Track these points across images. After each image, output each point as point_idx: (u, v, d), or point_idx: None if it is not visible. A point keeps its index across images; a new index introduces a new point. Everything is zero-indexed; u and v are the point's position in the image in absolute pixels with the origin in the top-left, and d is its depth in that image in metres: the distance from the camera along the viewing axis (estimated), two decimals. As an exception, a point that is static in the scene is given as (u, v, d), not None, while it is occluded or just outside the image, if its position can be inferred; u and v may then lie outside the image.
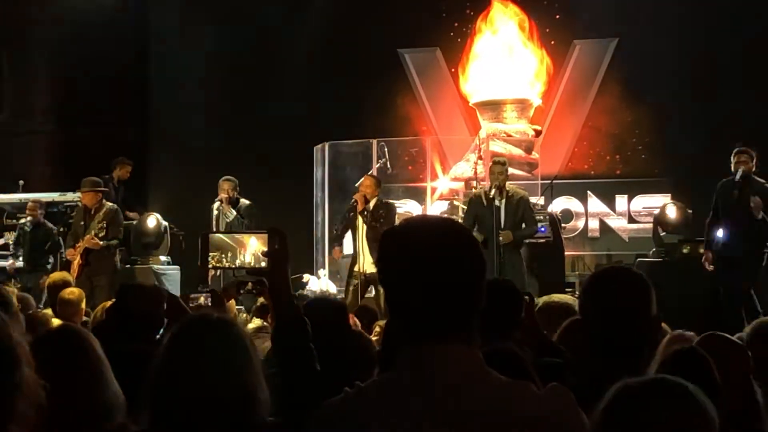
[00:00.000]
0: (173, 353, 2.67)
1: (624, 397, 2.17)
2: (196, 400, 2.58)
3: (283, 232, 3.02)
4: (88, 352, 3.07)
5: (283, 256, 3.00)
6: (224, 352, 2.64)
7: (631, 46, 16.36)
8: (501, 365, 2.29)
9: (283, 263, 3.00)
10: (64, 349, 3.03)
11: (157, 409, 2.63)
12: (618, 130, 16.44)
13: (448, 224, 2.38)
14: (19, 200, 15.06)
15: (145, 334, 4.47)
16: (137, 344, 3.11)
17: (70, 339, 3.11)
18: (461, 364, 2.21)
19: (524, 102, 16.34)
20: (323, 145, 15.16)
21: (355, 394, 2.27)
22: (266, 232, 3.07)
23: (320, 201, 15.13)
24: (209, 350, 2.64)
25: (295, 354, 2.89)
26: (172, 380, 2.62)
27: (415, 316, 2.24)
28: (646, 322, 3.10)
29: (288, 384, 2.83)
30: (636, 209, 15.65)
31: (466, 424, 2.16)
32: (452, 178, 15.47)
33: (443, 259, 2.23)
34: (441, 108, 17.26)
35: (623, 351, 3.05)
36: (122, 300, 4.86)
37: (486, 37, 16.67)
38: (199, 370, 2.60)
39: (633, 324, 3.06)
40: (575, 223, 15.92)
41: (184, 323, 2.77)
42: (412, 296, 2.23)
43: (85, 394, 2.95)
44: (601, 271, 3.39)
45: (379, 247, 2.35)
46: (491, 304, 2.31)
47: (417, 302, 2.23)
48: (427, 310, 2.22)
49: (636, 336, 3.09)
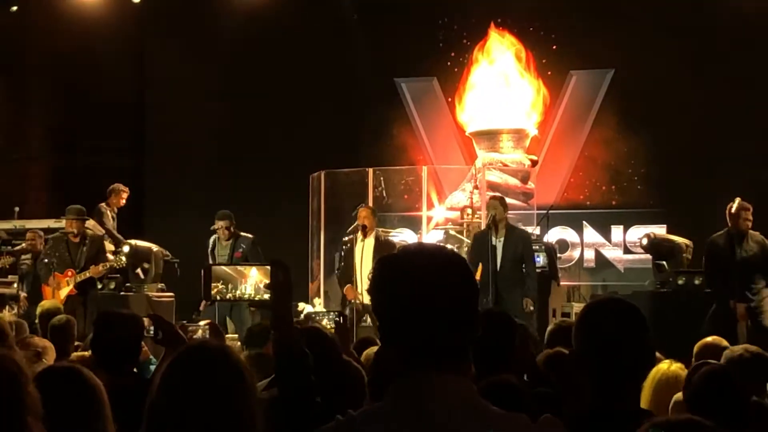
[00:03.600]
0: (171, 381, 2.65)
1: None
2: (193, 428, 2.55)
3: (286, 265, 3.01)
4: (91, 393, 3.05)
5: (286, 288, 2.98)
6: (222, 381, 2.62)
7: (628, 76, 16.41)
8: (500, 397, 2.27)
9: (287, 296, 2.98)
10: (67, 390, 3.01)
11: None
12: (614, 160, 16.46)
13: (443, 252, 2.37)
14: (14, 227, 15.01)
15: (122, 365, 4.44)
16: (116, 378, 3.09)
17: (74, 381, 3.09)
18: (454, 394, 2.19)
19: (520, 132, 16.37)
20: (319, 173, 15.15)
21: (347, 422, 2.25)
22: (269, 265, 3.05)
23: (316, 229, 15.10)
24: (207, 378, 2.62)
25: (296, 385, 2.87)
26: (170, 408, 2.60)
27: (408, 344, 2.22)
28: (640, 353, 3.09)
29: (287, 411, 2.81)
30: (632, 240, 15.65)
31: (458, 455, 2.13)
32: (448, 207, 15.46)
33: (437, 287, 2.22)
34: (437, 137, 17.28)
35: (617, 382, 3.04)
36: (100, 329, 4.83)
37: (483, 67, 16.71)
38: (197, 398, 2.59)
39: (627, 355, 3.05)
40: (571, 253, 15.93)
41: (182, 352, 2.76)
42: (406, 324, 2.22)
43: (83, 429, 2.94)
44: (595, 302, 3.38)
45: (373, 274, 2.33)
46: (486, 334, 2.30)
47: (410, 330, 2.21)
48: (421, 338, 2.21)
49: (630, 367, 3.07)
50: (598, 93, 16.80)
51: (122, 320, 4.86)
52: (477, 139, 16.46)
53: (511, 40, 16.63)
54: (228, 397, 2.60)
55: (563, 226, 15.99)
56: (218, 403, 2.59)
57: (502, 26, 16.73)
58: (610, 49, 16.41)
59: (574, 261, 15.96)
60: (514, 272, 11.14)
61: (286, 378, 2.97)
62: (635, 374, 3.14)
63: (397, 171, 15.56)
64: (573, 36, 16.47)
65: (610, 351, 3.04)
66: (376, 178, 14.85)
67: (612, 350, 3.04)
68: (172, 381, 2.65)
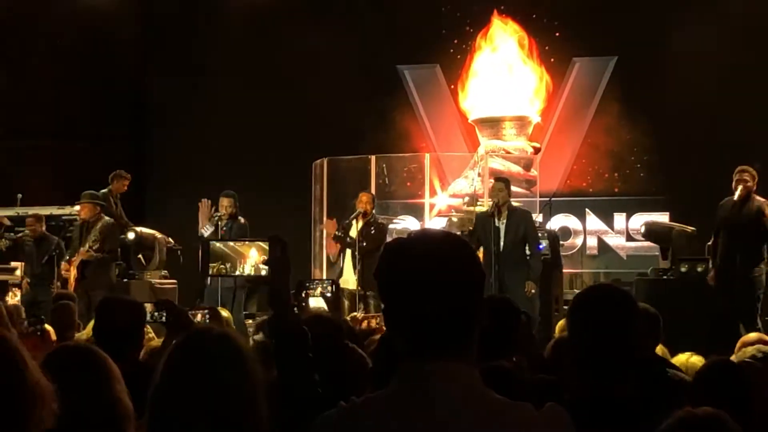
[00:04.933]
0: (175, 366, 2.66)
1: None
2: (196, 413, 2.57)
3: (284, 240, 3.00)
4: (99, 368, 3.06)
5: (284, 264, 2.97)
6: (226, 366, 2.63)
7: (631, 63, 16.39)
8: (495, 383, 2.27)
9: (284, 271, 2.97)
10: (76, 366, 3.02)
11: (156, 421, 2.62)
12: (617, 147, 16.45)
13: (450, 238, 2.36)
14: (16, 214, 15.01)
15: (123, 350, 4.46)
16: (118, 364, 3.11)
17: (83, 356, 3.10)
18: (458, 382, 2.19)
19: (523, 119, 16.35)
20: (322, 160, 15.15)
21: (351, 408, 2.25)
22: (267, 240, 3.04)
23: (318, 217, 15.10)
24: (211, 364, 2.63)
25: (294, 360, 2.87)
26: (173, 393, 2.61)
27: (414, 330, 2.21)
28: (630, 338, 3.10)
29: (286, 390, 2.81)
30: (634, 227, 15.64)
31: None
32: (451, 194, 15.45)
33: (443, 273, 2.21)
34: (440, 124, 17.27)
35: (609, 368, 3.05)
36: (101, 316, 4.84)
37: (485, 54, 16.68)
38: (200, 383, 2.60)
39: (618, 340, 3.06)
40: (573, 241, 15.93)
41: (185, 337, 2.76)
42: (410, 309, 2.21)
43: (93, 403, 2.95)
44: (586, 290, 3.40)
45: (380, 259, 2.32)
46: (488, 321, 2.30)
47: (414, 316, 2.21)
48: (425, 324, 2.20)
49: (621, 352, 3.08)
50: (601, 80, 16.78)
51: (123, 306, 4.87)
52: (480, 127, 16.44)
53: (514, 27, 16.60)
54: (230, 382, 2.61)
55: (566, 213, 15.99)
56: (221, 388, 2.59)
57: (505, 13, 16.69)
58: (613, 36, 16.40)
59: (577, 248, 15.97)
60: (517, 253, 11.15)
61: (283, 355, 2.96)
62: (627, 359, 3.15)
63: (400, 158, 15.56)
64: (576, 23, 16.44)
65: (599, 336, 3.05)
66: (379, 166, 14.85)
67: (601, 336, 3.05)
68: (176, 366, 2.66)
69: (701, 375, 3.97)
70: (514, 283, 10.90)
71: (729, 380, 3.81)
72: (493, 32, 16.68)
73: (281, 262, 2.99)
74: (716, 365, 3.99)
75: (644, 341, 3.96)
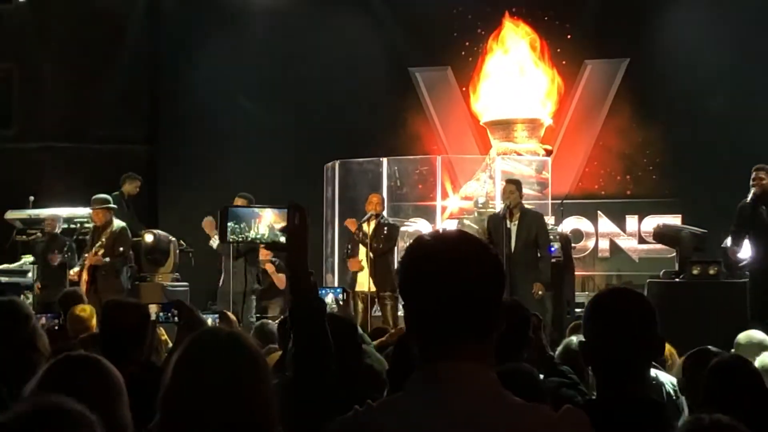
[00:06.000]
0: (185, 368, 2.66)
1: None
2: (205, 414, 2.56)
3: (303, 207, 2.97)
4: (102, 378, 3.06)
5: (302, 231, 2.95)
6: (235, 367, 2.63)
7: (643, 66, 16.36)
8: (513, 385, 2.27)
9: (302, 239, 2.94)
10: (80, 376, 3.03)
11: (168, 420, 2.62)
12: (629, 150, 16.42)
13: (472, 239, 2.35)
14: (29, 216, 15.04)
15: (128, 352, 4.48)
16: (123, 365, 3.11)
17: (87, 366, 3.11)
18: (475, 384, 2.18)
19: (535, 121, 16.32)
20: (334, 163, 15.16)
21: (366, 412, 2.25)
22: (285, 208, 3.02)
23: (330, 219, 15.10)
24: (220, 364, 2.63)
25: (310, 329, 2.86)
26: (184, 394, 2.61)
27: (434, 330, 2.21)
28: (648, 342, 3.09)
29: (300, 362, 2.79)
30: (646, 230, 15.60)
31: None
32: (462, 197, 15.44)
33: (465, 273, 2.21)
34: (451, 127, 17.26)
35: (626, 372, 3.04)
36: (106, 318, 4.86)
37: (497, 56, 16.67)
38: (210, 384, 2.59)
39: (634, 344, 3.05)
40: (585, 243, 15.90)
41: (195, 338, 2.76)
42: (429, 309, 2.21)
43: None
44: (603, 293, 3.38)
45: (402, 258, 2.33)
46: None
47: (433, 316, 2.20)
48: (446, 323, 2.20)
49: (639, 357, 3.07)
50: (612, 82, 16.75)
51: (128, 308, 4.89)
52: (491, 129, 16.42)
53: (526, 29, 16.58)
54: (241, 382, 2.60)
55: (578, 215, 15.96)
56: (232, 389, 2.59)
57: (516, 15, 16.68)
58: (624, 39, 16.37)
59: (589, 251, 15.93)
60: (528, 256, 11.14)
61: (300, 324, 2.94)
62: (644, 363, 3.14)
63: (412, 161, 15.56)
64: (587, 25, 16.43)
65: (617, 340, 3.04)
66: (391, 168, 14.85)
67: (618, 339, 3.04)
68: (186, 367, 2.66)
69: (714, 370, 3.95)
70: (525, 285, 10.88)
71: (742, 374, 3.82)
72: (505, 34, 16.67)
73: (299, 229, 2.97)
74: (728, 360, 4.00)
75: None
